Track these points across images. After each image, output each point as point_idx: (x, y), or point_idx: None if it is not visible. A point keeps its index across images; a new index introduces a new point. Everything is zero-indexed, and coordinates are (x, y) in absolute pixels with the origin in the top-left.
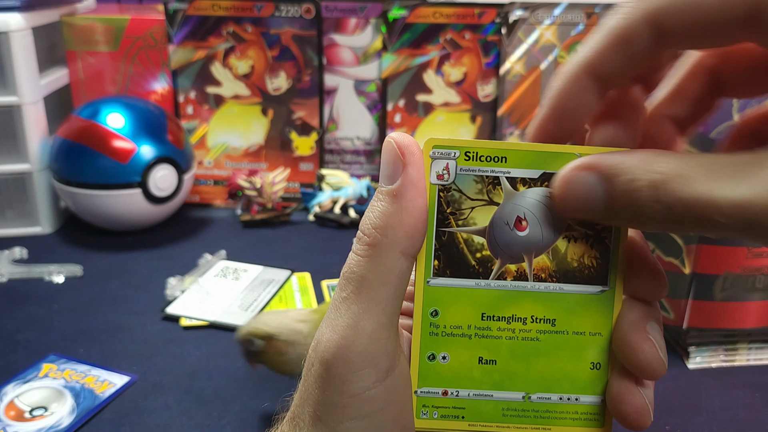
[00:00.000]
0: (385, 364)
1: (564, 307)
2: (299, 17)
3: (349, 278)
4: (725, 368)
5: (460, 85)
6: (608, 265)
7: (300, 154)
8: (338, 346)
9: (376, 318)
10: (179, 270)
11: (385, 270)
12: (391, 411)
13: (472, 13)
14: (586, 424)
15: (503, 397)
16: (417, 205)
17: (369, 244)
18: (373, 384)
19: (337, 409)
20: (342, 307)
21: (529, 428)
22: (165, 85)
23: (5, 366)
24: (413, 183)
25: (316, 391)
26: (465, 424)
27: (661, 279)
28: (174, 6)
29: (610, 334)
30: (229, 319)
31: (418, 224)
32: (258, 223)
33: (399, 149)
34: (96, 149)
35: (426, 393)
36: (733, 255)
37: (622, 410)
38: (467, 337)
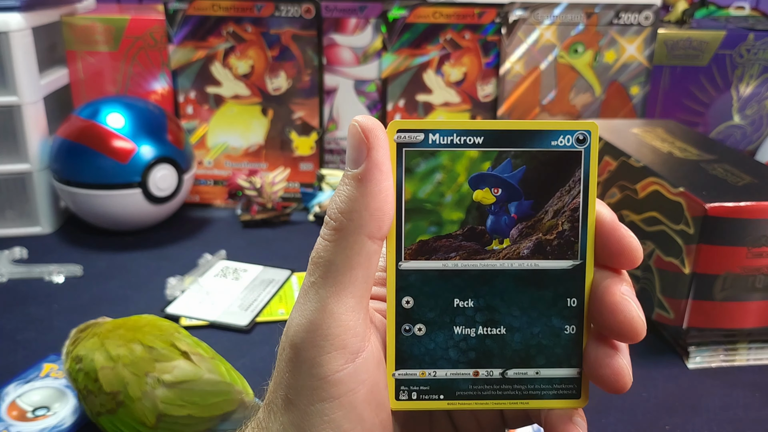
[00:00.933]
0: (354, 346)
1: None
2: (299, 17)
3: (317, 263)
4: (725, 368)
5: (460, 85)
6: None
7: (300, 154)
8: (307, 330)
9: (343, 301)
10: (179, 270)
11: (352, 253)
12: (361, 392)
13: (472, 13)
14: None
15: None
16: (382, 187)
17: (335, 228)
18: (342, 366)
19: (307, 391)
20: (310, 292)
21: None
22: (165, 85)
23: (6, 366)
24: (377, 166)
25: (287, 375)
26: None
27: (632, 249)
28: (174, 6)
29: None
30: (229, 319)
31: (383, 207)
32: (258, 223)
33: (363, 132)
34: (96, 149)
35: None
36: (733, 255)
37: (602, 373)
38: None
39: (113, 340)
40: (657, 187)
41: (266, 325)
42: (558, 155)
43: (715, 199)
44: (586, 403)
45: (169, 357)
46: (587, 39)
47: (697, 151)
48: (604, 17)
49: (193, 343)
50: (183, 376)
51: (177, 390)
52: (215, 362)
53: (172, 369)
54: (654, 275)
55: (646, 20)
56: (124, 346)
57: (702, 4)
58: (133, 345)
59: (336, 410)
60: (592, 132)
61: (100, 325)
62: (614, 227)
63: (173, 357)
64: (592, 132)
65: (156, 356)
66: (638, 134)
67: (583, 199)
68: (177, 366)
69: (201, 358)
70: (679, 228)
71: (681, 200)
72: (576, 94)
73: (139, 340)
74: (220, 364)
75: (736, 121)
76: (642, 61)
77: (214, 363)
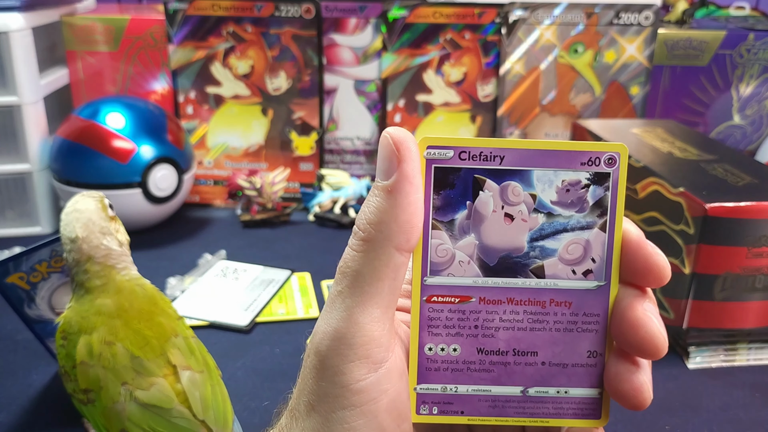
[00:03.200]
0: (378, 356)
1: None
2: (299, 17)
3: (344, 272)
4: (725, 368)
5: (460, 85)
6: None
7: (300, 154)
8: (332, 338)
9: (369, 311)
10: (179, 270)
11: (380, 265)
12: (383, 401)
13: (472, 13)
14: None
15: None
16: (411, 200)
17: (364, 239)
18: (365, 375)
19: (330, 398)
20: (337, 301)
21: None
22: (165, 85)
23: (5, 366)
24: (408, 179)
25: (310, 381)
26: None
27: (659, 267)
28: (174, 6)
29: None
30: (229, 319)
31: (412, 219)
32: (258, 223)
33: (395, 144)
34: (96, 149)
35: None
36: (733, 255)
37: (622, 389)
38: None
39: (107, 327)
40: (657, 187)
41: (266, 325)
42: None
43: (715, 199)
44: (606, 422)
45: (151, 371)
46: (587, 39)
47: (697, 151)
48: (604, 17)
49: (187, 352)
50: (156, 400)
51: (145, 412)
52: (203, 380)
53: (149, 387)
54: None
55: (646, 20)
56: (111, 344)
57: (702, 4)
58: (118, 346)
59: (357, 418)
60: (621, 154)
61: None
62: (640, 245)
63: (155, 372)
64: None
65: (138, 367)
66: (638, 134)
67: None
68: (155, 385)
69: (188, 376)
70: (679, 228)
71: (681, 200)
72: (576, 94)
73: (131, 338)
74: (207, 383)
75: (736, 121)
76: (642, 61)
77: (201, 381)
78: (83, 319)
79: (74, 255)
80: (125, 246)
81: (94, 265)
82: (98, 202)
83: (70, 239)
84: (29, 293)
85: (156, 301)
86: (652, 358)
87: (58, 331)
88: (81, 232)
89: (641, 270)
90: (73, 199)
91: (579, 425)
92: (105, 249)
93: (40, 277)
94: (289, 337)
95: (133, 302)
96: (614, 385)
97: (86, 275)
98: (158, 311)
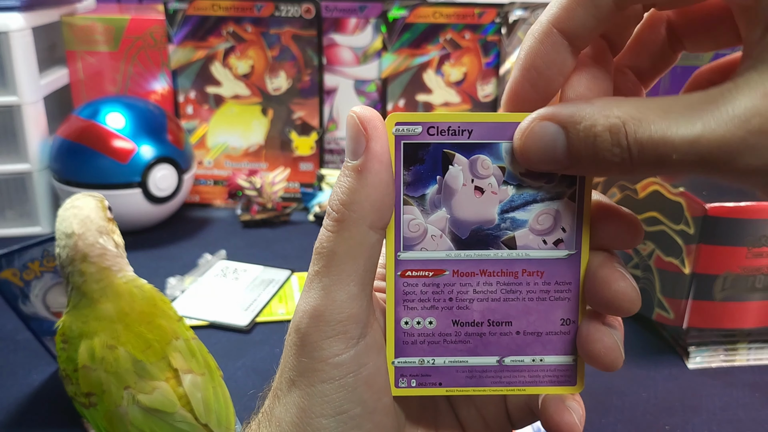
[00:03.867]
0: (356, 332)
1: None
2: (299, 17)
3: (320, 253)
4: (725, 368)
5: (460, 85)
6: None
7: (300, 154)
8: (311, 315)
9: (346, 289)
10: (179, 270)
11: (354, 243)
12: (362, 375)
13: (472, 13)
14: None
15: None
16: (382, 178)
17: (337, 219)
18: (344, 350)
19: (310, 373)
20: (315, 281)
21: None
22: (165, 85)
23: (5, 366)
24: (377, 157)
25: (291, 358)
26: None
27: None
28: (174, 6)
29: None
30: (229, 319)
31: (383, 198)
32: (258, 223)
33: (361, 123)
34: (96, 149)
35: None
36: (733, 255)
37: (593, 349)
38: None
39: (108, 332)
40: (657, 187)
41: (266, 325)
42: None
43: (715, 199)
44: (581, 389)
45: (153, 375)
46: None
47: None
48: None
49: (188, 355)
50: (158, 404)
51: (148, 416)
52: (204, 383)
53: (152, 391)
54: (654, 275)
55: None
56: (114, 348)
57: None
58: (120, 350)
59: (337, 391)
60: None
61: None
62: (611, 207)
63: (157, 376)
64: None
65: (140, 371)
66: None
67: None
68: (157, 389)
69: (190, 379)
70: (679, 228)
71: (681, 200)
72: None
73: (133, 342)
74: (208, 386)
75: None
76: None
77: (203, 383)
78: (84, 324)
79: (68, 251)
80: (121, 248)
81: (90, 266)
82: (98, 202)
83: (65, 234)
84: (23, 290)
85: (156, 302)
86: (626, 314)
87: (58, 334)
88: (78, 228)
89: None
90: (74, 196)
91: (555, 392)
92: (100, 248)
93: (33, 275)
94: None
95: (134, 306)
96: (586, 346)
97: (82, 278)
98: (159, 313)
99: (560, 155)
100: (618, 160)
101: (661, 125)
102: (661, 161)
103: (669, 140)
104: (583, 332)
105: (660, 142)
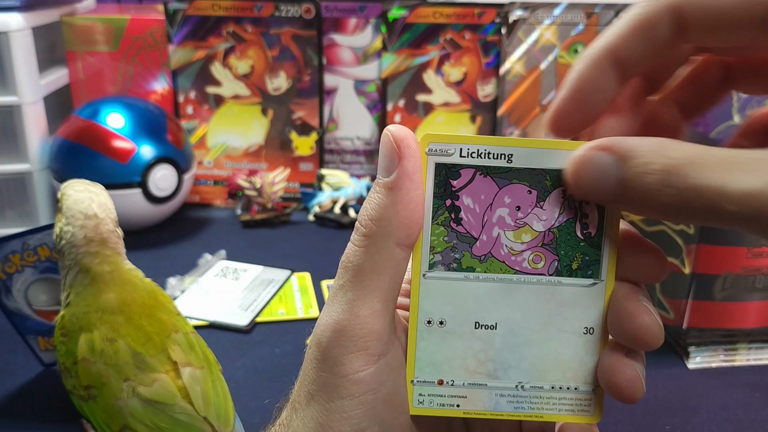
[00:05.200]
0: (377, 349)
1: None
2: (299, 17)
3: (346, 267)
4: (725, 368)
5: (460, 85)
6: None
7: (300, 154)
8: (333, 330)
9: (370, 305)
10: (179, 270)
11: (381, 260)
12: (381, 393)
13: (472, 13)
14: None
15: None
16: (412, 196)
17: (365, 234)
18: (364, 366)
19: (329, 388)
20: (339, 294)
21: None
22: (165, 85)
23: (5, 366)
24: (408, 175)
25: (311, 372)
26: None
27: (660, 261)
28: (174, 6)
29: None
30: (229, 319)
31: (413, 216)
32: (258, 223)
33: (395, 142)
34: (96, 149)
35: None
36: (733, 255)
37: (615, 381)
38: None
39: (108, 324)
40: None
41: (266, 325)
42: None
43: None
44: (599, 419)
45: (153, 367)
46: (587, 39)
47: None
48: (604, 17)
49: (187, 348)
50: (159, 396)
51: (148, 408)
52: (203, 376)
53: (152, 383)
54: None
55: None
56: (114, 340)
57: None
58: (120, 343)
59: (355, 408)
60: None
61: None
62: (637, 241)
63: (157, 368)
64: None
65: (140, 363)
66: None
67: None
68: (157, 381)
69: (189, 372)
70: (679, 228)
71: None
72: None
73: (133, 334)
74: (207, 379)
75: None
76: None
77: (202, 377)
78: (85, 315)
79: (87, 232)
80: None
81: (106, 249)
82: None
83: (85, 215)
84: (5, 283)
85: (156, 296)
86: (648, 348)
87: (57, 327)
88: (99, 212)
89: (640, 265)
90: (77, 180)
91: (573, 421)
92: (117, 236)
93: (15, 268)
94: (289, 337)
95: (135, 296)
96: (607, 377)
97: (95, 259)
98: (159, 306)
99: (612, 187)
100: (668, 201)
101: (718, 174)
102: (712, 210)
103: (724, 191)
104: (605, 363)
105: (715, 191)
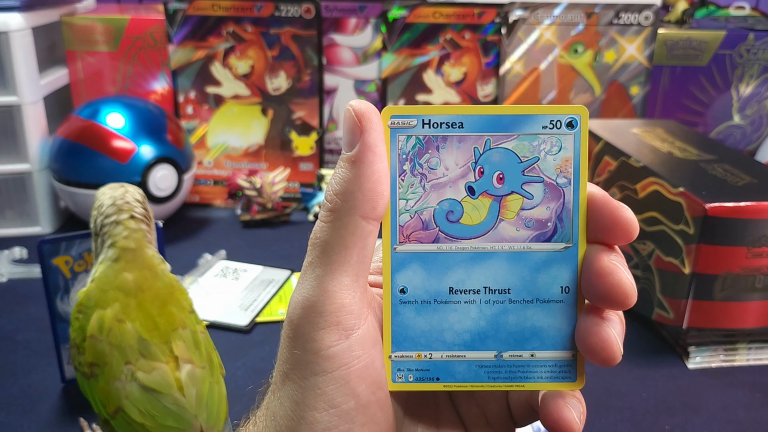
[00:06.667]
0: (348, 323)
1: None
2: (299, 17)
3: (314, 244)
4: (725, 368)
5: (460, 85)
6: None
7: (300, 154)
8: (303, 307)
9: (338, 279)
10: (179, 270)
11: (347, 234)
12: (355, 368)
13: (472, 13)
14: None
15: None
16: (375, 169)
17: (330, 210)
18: (336, 341)
19: (302, 365)
20: (308, 271)
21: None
22: (165, 85)
23: (5, 366)
24: (370, 148)
25: (285, 351)
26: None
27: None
28: (174, 6)
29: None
30: (229, 319)
31: (377, 188)
32: (258, 223)
33: (357, 116)
34: (96, 149)
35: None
36: (733, 255)
37: (590, 343)
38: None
39: (121, 305)
40: (657, 187)
41: (266, 325)
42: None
43: (715, 199)
44: (582, 385)
45: (155, 356)
46: (587, 39)
47: (697, 151)
48: (604, 17)
49: (192, 346)
50: (156, 384)
51: (144, 394)
52: (202, 377)
53: (151, 370)
54: (654, 275)
55: (646, 20)
56: (122, 321)
57: (702, 4)
58: (128, 325)
59: (329, 384)
60: (582, 116)
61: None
62: (606, 201)
63: (159, 357)
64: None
65: (143, 349)
66: (638, 134)
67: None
68: (156, 370)
69: (188, 370)
70: (679, 228)
71: (681, 200)
72: (576, 94)
73: (141, 319)
74: (206, 380)
75: (736, 121)
76: (642, 61)
77: (201, 376)
78: (102, 293)
79: (115, 200)
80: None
81: (132, 222)
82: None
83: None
84: (68, 283)
85: (173, 290)
86: (621, 307)
87: (76, 305)
88: (128, 187)
89: (609, 225)
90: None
91: (555, 388)
92: (149, 229)
93: (84, 267)
94: None
95: (152, 284)
96: (583, 339)
97: (123, 231)
98: (172, 300)
99: None
100: None
101: None
102: None
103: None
104: (581, 326)
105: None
